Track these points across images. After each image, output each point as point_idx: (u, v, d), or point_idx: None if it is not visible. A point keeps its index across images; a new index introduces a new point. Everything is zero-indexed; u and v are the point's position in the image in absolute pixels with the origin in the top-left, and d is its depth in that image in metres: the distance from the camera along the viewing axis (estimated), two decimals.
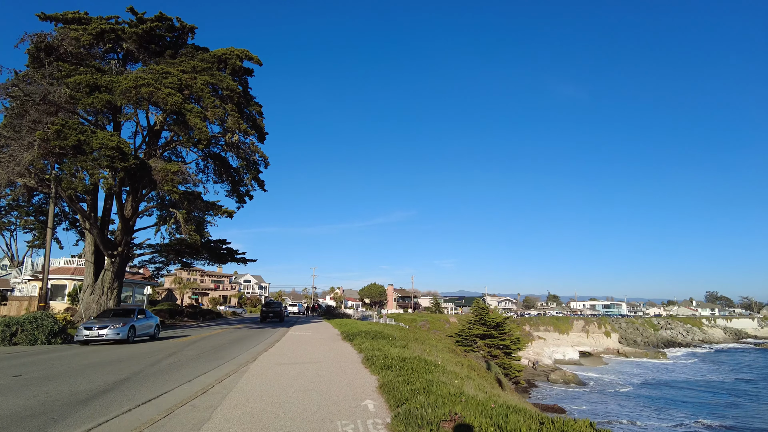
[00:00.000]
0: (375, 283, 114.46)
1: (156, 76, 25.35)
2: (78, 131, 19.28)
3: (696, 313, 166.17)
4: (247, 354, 16.21)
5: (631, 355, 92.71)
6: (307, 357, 14.42)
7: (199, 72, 28.80)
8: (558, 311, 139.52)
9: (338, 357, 14.38)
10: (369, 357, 12.92)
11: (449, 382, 9.46)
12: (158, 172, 22.30)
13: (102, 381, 10.32)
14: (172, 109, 23.99)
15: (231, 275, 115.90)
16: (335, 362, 12.96)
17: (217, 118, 27.29)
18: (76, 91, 21.17)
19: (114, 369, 12.13)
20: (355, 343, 18.30)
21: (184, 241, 29.12)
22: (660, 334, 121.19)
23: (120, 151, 19.74)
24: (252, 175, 32.20)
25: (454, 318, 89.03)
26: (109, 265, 28.89)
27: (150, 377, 10.87)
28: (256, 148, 31.76)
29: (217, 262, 36.02)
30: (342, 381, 9.79)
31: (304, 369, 11.63)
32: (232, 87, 28.88)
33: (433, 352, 18.18)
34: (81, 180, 19.74)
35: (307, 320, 49.52)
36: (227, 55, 30.83)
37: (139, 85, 23.15)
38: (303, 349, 17.25)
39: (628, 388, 52.94)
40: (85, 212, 26.17)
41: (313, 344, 19.28)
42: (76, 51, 25.42)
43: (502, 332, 39.82)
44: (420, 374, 9.71)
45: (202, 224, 29.14)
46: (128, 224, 28.27)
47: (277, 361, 13.50)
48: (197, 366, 13.10)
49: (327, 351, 16.40)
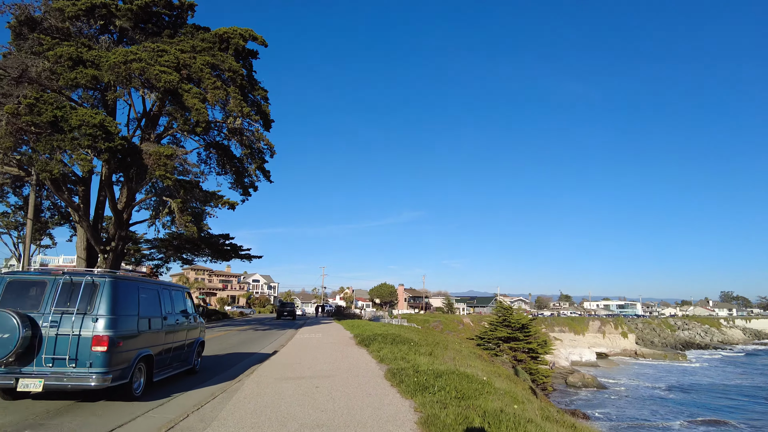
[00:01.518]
0: (385, 283, 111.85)
1: (151, 54, 22.95)
2: (55, 106, 16.89)
3: (713, 314, 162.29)
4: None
5: (649, 356, 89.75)
6: (317, 369, 11.88)
7: (199, 52, 26.41)
8: (572, 311, 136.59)
9: (355, 368, 11.83)
10: (394, 370, 10.35)
11: (510, 411, 6.88)
12: (150, 156, 19.88)
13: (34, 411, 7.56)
14: (167, 88, 21.56)
15: (240, 275, 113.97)
16: (352, 377, 10.38)
17: (217, 100, 24.87)
18: (57, 64, 18.79)
19: None
20: (372, 350, 15.79)
21: (183, 236, 26.75)
22: (677, 335, 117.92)
23: (104, 129, 17.33)
24: (257, 165, 29.68)
25: (467, 318, 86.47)
26: (102, 262, 26.56)
27: (105, 401, 8.23)
28: (261, 135, 29.28)
29: (219, 258, 33.53)
30: (365, 409, 7.21)
31: (312, 388, 9.07)
32: (234, 68, 26.46)
33: (464, 360, 15.60)
34: (58, 162, 17.31)
35: (316, 321, 47.26)
36: (230, 34, 28.40)
37: (129, 60, 20.74)
38: (311, 356, 14.71)
39: (656, 391, 49.96)
40: (72, 202, 23.77)
41: (323, 351, 16.74)
42: (62, 26, 23.05)
43: (527, 335, 37.07)
44: (470, 400, 7.15)
45: (201, 216, 26.69)
46: (121, 217, 25.89)
47: (279, 374, 10.93)
48: (179, 381, 10.82)
49: (340, 360, 13.84)
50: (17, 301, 7.85)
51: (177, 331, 10.53)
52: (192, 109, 22.63)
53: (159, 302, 9.92)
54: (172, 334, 10.27)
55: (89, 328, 7.68)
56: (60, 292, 7.91)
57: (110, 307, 7.89)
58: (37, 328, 7.58)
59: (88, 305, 7.84)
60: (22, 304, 7.82)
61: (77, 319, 7.71)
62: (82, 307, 7.81)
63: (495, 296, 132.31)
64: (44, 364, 7.52)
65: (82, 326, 7.67)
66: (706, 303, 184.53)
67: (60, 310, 7.77)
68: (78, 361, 7.55)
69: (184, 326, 10.96)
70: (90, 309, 7.82)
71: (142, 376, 8.84)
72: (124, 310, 8.31)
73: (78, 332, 7.63)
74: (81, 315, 7.74)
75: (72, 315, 7.71)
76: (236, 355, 16.24)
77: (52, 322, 7.67)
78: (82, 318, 7.72)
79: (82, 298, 7.86)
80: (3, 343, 7.25)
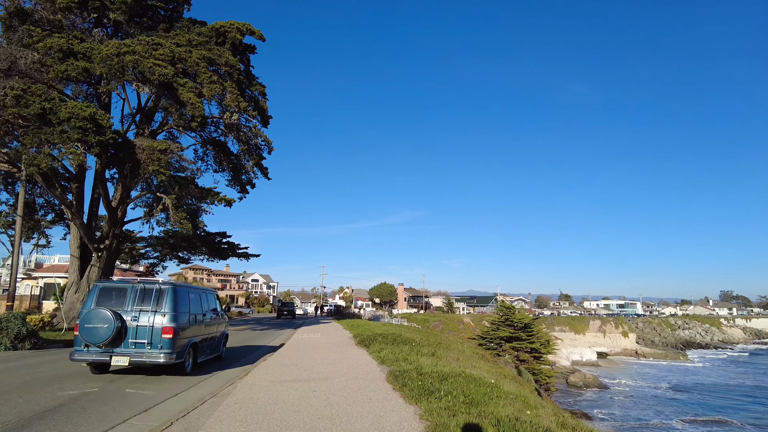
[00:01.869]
0: (385, 283, 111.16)
1: (145, 48, 22.31)
2: (43, 98, 16.24)
3: (713, 313, 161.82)
4: (239, 365, 13.17)
5: (650, 356, 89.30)
6: (315, 370, 11.29)
7: (195, 46, 25.79)
8: (572, 311, 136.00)
9: (354, 370, 11.23)
10: (396, 373, 9.75)
11: (525, 418, 6.29)
12: (143, 151, 19.24)
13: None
14: (162, 81, 20.94)
15: (239, 274, 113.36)
16: (351, 379, 9.78)
17: (214, 95, 24.25)
18: (47, 56, 18.15)
19: (40, 394, 8.66)
20: (372, 350, 15.18)
21: (178, 234, 26.13)
22: (678, 334, 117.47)
23: (95, 122, 16.68)
24: (254, 161, 29.03)
25: (467, 318, 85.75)
26: (95, 260, 25.95)
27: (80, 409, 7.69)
28: (258, 131, 28.65)
29: (216, 257, 32.85)
30: (365, 416, 6.61)
31: (309, 391, 8.48)
32: (231, 63, 25.83)
33: (467, 361, 15.00)
34: (46, 155, 16.63)
35: (316, 321, 46.66)
36: (227, 28, 27.73)
37: (122, 53, 20.11)
38: (310, 357, 14.12)
39: (659, 391, 49.35)
40: (65, 199, 23.12)
41: (321, 351, 16.13)
42: (53, 18, 22.39)
43: (530, 334, 36.36)
44: (480, 406, 6.56)
45: (197, 213, 26.04)
46: (115, 214, 25.27)
47: (274, 377, 10.34)
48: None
49: (339, 361, 13.24)
50: (108, 302, 10.66)
51: (211, 325, 13.42)
52: (187, 103, 22.01)
53: (200, 303, 12.76)
54: (208, 327, 13.14)
55: (159, 321, 10.47)
56: (137, 295, 10.76)
57: (173, 306, 10.72)
58: (124, 321, 10.42)
59: (158, 305, 10.63)
60: (112, 304, 10.59)
61: (150, 315, 10.52)
62: (154, 306, 10.61)
63: (495, 296, 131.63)
64: (129, 347, 10.39)
65: (154, 320, 10.47)
66: (706, 302, 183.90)
67: (138, 308, 10.61)
68: (152, 345, 10.38)
69: (215, 321, 13.86)
70: (159, 308, 10.60)
71: (191, 357, 11.61)
72: (181, 309, 11.12)
73: (152, 324, 10.45)
74: (153, 312, 10.55)
75: (147, 312, 10.54)
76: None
77: (133, 316, 10.51)
78: (154, 314, 10.53)
79: (153, 300, 10.67)
80: (103, 331, 10.08)
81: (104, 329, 10.01)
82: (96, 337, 10.05)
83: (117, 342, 10.26)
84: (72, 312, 25.20)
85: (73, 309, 25.35)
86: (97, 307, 10.34)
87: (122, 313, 10.42)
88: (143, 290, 10.84)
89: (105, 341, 10.02)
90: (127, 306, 10.59)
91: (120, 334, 10.23)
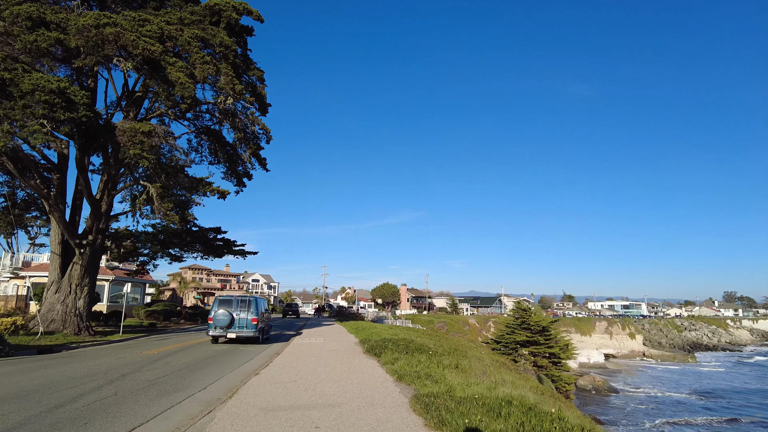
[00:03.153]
0: (388, 283, 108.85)
1: (131, 23, 20.06)
2: (2, 67, 14.09)
3: (719, 314, 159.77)
4: (225, 380, 10.84)
5: (658, 358, 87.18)
6: (317, 391, 9.02)
7: (187, 25, 23.54)
8: (577, 312, 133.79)
9: (367, 391, 8.95)
10: (424, 398, 7.46)
11: None
12: (123, 133, 17.02)
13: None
14: (147, 57, 18.74)
15: (239, 275, 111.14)
16: (365, 407, 7.47)
17: (206, 76, 22.01)
18: (15, 25, 15.97)
19: None
20: (384, 361, 12.94)
21: (168, 229, 23.89)
22: (685, 336, 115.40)
23: (64, 96, 14.47)
24: (251, 151, 26.72)
25: (472, 319, 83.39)
26: (78, 257, 23.73)
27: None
28: (256, 118, 26.31)
29: (211, 254, 30.55)
30: None
31: (310, 429, 6.25)
32: (227, 43, 23.57)
33: (496, 373, 12.78)
34: (6, 133, 14.33)
35: (318, 323, 44.44)
36: (221, 6, 25.41)
37: (102, 24, 17.89)
38: (311, 371, 11.85)
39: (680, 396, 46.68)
40: (40, 189, 20.83)
41: (325, 361, 13.86)
42: None
43: (548, 338, 33.97)
44: None
45: (187, 205, 23.77)
46: (99, 207, 23.06)
47: (265, 402, 7.99)
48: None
49: (347, 376, 10.95)
50: (224, 306, 20.44)
51: (266, 318, 23.05)
52: (176, 83, 19.79)
53: (264, 305, 23.06)
54: (265, 319, 22.87)
55: (250, 315, 20.31)
56: (239, 302, 20.59)
57: (256, 307, 20.61)
58: (233, 316, 20.18)
59: (248, 307, 20.47)
60: (227, 307, 20.42)
61: (245, 312, 20.36)
62: (246, 307, 20.48)
63: (498, 296, 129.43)
64: (236, 328, 20.14)
65: (248, 314, 20.29)
66: (711, 303, 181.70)
67: (239, 309, 20.45)
68: (247, 328, 20.20)
69: (267, 316, 23.56)
70: (249, 308, 20.45)
71: (262, 335, 21.56)
72: (259, 308, 21.18)
73: (247, 317, 20.26)
74: (246, 310, 20.40)
75: (244, 310, 20.39)
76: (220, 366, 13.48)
77: (237, 313, 20.33)
78: (247, 312, 20.36)
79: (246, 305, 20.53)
80: (226, 321, 19.93)
81: (227, 320, 19.81)
82: (222, 324, 19.86)
83: (231, 326, 19.91)
84: (51, 314, 22.99)
85: (52, 310, 23.14)
86: (220, 309, 20.15)
87: (232, 312, 20.12)
88: (241, 300, 20.60)
89: (225, 326, 19.78)
90: (234, 308, 20.32)
91: (231, 322, 19.94)
